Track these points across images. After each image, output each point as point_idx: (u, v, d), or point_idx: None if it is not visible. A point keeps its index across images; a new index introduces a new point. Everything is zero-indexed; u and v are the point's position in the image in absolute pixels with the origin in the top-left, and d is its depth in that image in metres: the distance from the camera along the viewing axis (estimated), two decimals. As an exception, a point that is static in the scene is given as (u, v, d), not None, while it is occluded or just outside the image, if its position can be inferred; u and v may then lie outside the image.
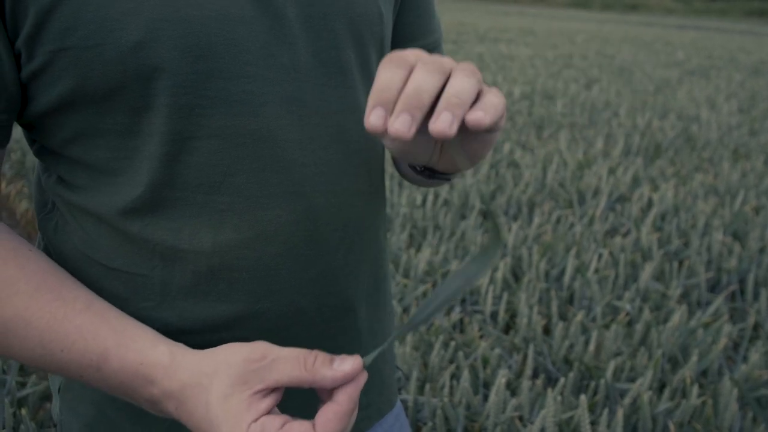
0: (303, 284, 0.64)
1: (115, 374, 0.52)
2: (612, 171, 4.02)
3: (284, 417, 0.48)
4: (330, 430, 0.47)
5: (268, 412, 0.48)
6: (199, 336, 0.63)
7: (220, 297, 0.62)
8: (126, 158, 0.58)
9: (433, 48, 0.79)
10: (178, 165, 0.57)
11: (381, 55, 0.70)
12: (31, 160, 3.77)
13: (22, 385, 1.92)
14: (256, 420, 0.47)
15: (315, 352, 0.49)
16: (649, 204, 3.53)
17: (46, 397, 1.92)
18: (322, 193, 0.63)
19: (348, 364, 0.49)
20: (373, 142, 0.69)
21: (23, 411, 1.64)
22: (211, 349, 0.51)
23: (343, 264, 0.67)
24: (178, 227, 0.59)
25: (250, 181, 0.59)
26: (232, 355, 0.49)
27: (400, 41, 0.76)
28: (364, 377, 0.50)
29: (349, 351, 0.71)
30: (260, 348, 0.49)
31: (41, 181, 0.65)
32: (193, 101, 0.56)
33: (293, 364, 0.48)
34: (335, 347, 0.69)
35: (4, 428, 1.64)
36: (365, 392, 0.76)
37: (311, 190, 0.62)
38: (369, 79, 0.68)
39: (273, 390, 0.50)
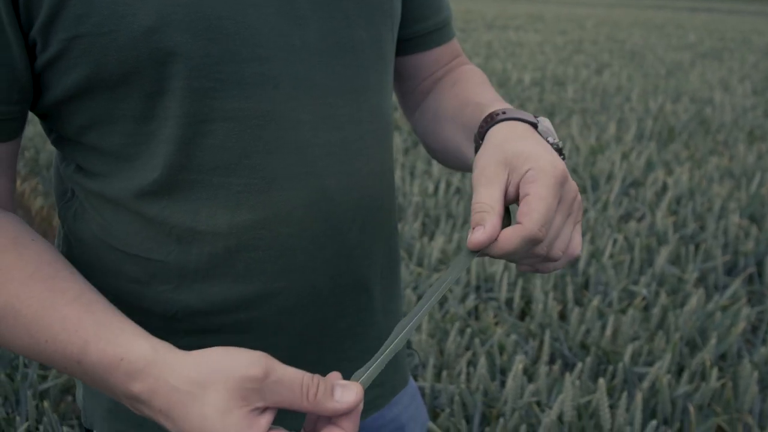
0: (319, 264, 0.65)
1: (94, 368, 0.50)
2: (625, 156, 3.98)
3: None
4: None
5: (270, 427, 0.46)
6: (217, 317, 0.64)
7: (237, 278, 0.63)
8: (142, 143, 0.58)
9: (443, 26, 0.79)
10: (193, 148, 0.58)
11: (393, 33, 0.70)
12: (45, 157, 3.80)
13: (44, 378, 1.94)
14: None
15: (317, 381, 0.47)
16: (664, 188, 3.50)
17: (67, 389, 1.94)
18: (336, 173, 0.63)
19: (350, 395, 0.47)
20: (385, 122, 0.69)
21: (45, 404, 1.66)
22: (200, 353, 0.48)
23: (357, 244, 0.67)
24: (195, 209, 0.60)
25: (264, 162, 0.60)
26: (231, 368, 0.46)
27: (410, 20, 0.76)
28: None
29: (364, 330, 0.72)
30: (261, 365, 0.46)
31: (60, 170, 0.66)
32: (206, 84, 0.56)
33: (294, 391, 0.46)
34: (350, 326, 0.70)
35: (27, 420, 1.67)
36: None
37: (325, 171, 0.62)
38: (381, 58, 0.67)
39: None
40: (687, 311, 2.14)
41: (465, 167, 0.72)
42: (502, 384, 1.93)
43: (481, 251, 0.55)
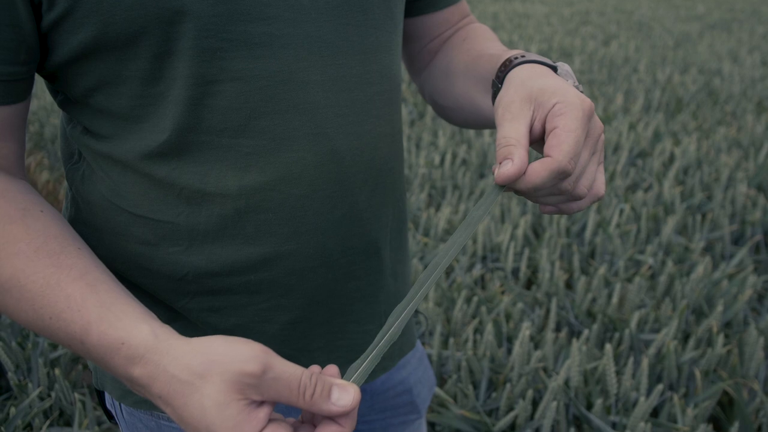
0: (328, 226, 0.64)
1: (95, 349, 0.51)
2: (632, 126, 3.95)
3: (287, 428, 0.46)
4: None
5: (268, 419, 0.46)
6: (227, 278, 0.64)
7: (247, 240, 0.62)
8: (150, 104, 0.58)
9: None
10: (202, 109, 0.57)
11: None
12: (50, 131, 3.79)
13: (54, 347, 1.96)
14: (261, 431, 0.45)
15: (315, 379, 0.46)
16: (671, 158, 3.48)
17: (77, 358, 1.96)
18: (346, 135, 0.63)
19: (347, 398, 0.46)
20: (394, 84, 0.68)
21: (57, 371, 1.68)
22: (200, 341, 0.48)
23: (367, 206, 0.67)
24: (205, 171, 0.60)
25: (273, 123, 0.59)
26: (229, 361, 0.45)
27: None
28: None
29: (373, 292, 0.72)
30: (259, 361, 0.45)
31: (67, 132, 0.65)
32: (215, 44, 0.55)
33: (292, 389, 0.45)
34: (359, 288, 0.70)
35: (39, 386, 1.69)
36: None
37: (334, 132, 0.62)
38: (391, 18, 0.66)
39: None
40: (693, 279, 2.14)
41: (479, 119, 0.71)
42: (509, 351, 1.94)
43: (507, 186, 0.54)
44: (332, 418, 0.47)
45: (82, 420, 1.58)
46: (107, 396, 0.74)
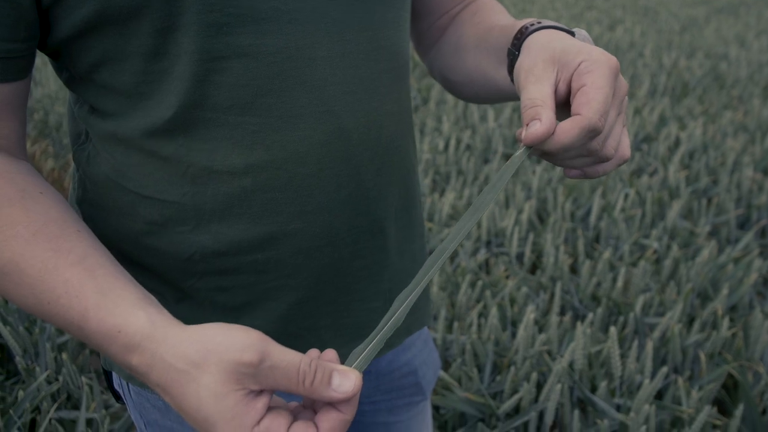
0: (335, 205, 0.64)
1: (94, 335, 0.50)
2: (638, 111, 3.93)
3: (286, 417, 0.45)
4: None
5: (267, 408, 0.45)
6: (234, 257, 0.64)
7: (254, 219, 0.62)
8: (154, 81, 0.57)
9: None
10: (208, 86, 0.57)
11: None
12: (54, 119, 3.79)
13: (61, 332, 1.98)
14: (258, 423, 0.44)
15: (314, 366, 0.45)
16: (677, 143, 3.46)
17: (83, 344, 1.98)
18: (353, 112, 0.62)
19: (348, 384, 0.45)
20: (402, 61, 0.68)
21: (64, 355, 1.69)
22: (197, 329, 0.47)
23: (373, 185, 0.67)
24: (211, 148, 0.59)
25: (280, 101, 0.59)
26: (225, 350, 0.44)
27: None
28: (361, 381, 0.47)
29: (379, 271, 0.72)
30: (256, 349, 0.44)
31: (74, 112, 0.65)
32: (220, 19, 0.55)
33: (291, 377, 0.44)
34: (365, 266, 0.70)
35: (47, 370, 1.70)
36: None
37: (341, 110, 0.61)
38: None
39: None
40: (699, 263, 2.14)
41: (491, 92, 0.71)
42: (513, 335, 1.95)
43: (534, 148, 0.53)
44: (333, 404, 0.46)
45: (90, 403, 1.60)
46: (115, 376, 0.74)
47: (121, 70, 0.57)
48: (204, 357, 0.45)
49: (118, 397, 0.77)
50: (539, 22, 0.61)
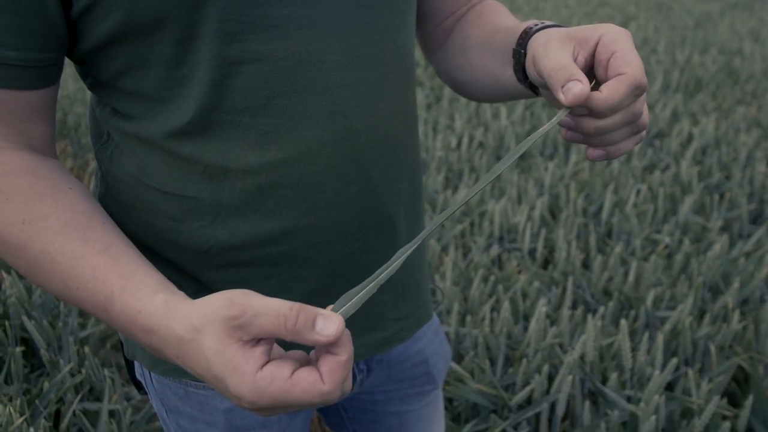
0: (345, 201, 0.66)
1: (119, 317, 0.54)
2: (651, 107, 3.93)
3: (290, 363, 0.47)
4: (337, 378, 0.46)
5: (268, 356, 0.47)
6: (249, 251, 0.66)
7: (268, 214, 0.65)
8: (175, 87, 0.60)
9: None
10: (224, 90, 0.59)
11: None
12: (72, 119, 3.86)
13: (83, 326, 2.03)
14: (261, 368, 0.46)
15: (297, 309, 0.46)
16: (689, 138, 3.46)
17: (106, 338, 2.03)
18: (361, 113, 0.64)
19: (331, 327, 0.46)
20: (408, 63, 0.70)
21: (86, 349, 1.74)
22: (201, 300, 0.50)
23: (381, 182, 0.69)
24: (227, 148, 0.62)
25: (291, 102, 0.61)
26: (214, 311, 0.48)
27: None
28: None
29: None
30: (238, 303, 0.47)
31: (96, 114, 0.68)
32: (235, 27, 0.57)
33: (274, 322, 0.46)
34: (375, 260, 0.72)
35: (70, 362, 1.75)
36: (403, 304, 0.78)
37: (351, 110, 0.64)
38: None
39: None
40: (710, 257, 2.15)
41: (498, 91, 0.73)
42: (525, 328, 1.97)
43: (573, 110, 0.53)
44: (329, 350, 0.47)
45: (111, 395, 1.64)
46: (137, 365, 0.77)
47: (143, 77, 0.60)
48: (202, 321, 0.48)
49: (139, 387, 0.80)
50: (542, 22, 0.63)
